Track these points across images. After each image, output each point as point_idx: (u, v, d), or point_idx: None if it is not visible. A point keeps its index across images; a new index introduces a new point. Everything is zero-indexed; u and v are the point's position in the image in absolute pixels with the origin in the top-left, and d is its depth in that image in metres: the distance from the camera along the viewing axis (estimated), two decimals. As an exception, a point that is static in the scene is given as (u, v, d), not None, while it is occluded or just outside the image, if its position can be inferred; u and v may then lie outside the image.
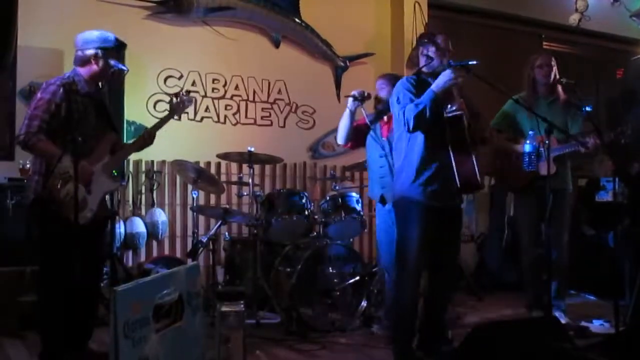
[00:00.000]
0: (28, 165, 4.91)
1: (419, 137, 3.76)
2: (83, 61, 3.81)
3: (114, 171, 3.98)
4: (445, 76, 3.65)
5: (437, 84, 3.66)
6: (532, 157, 4.61)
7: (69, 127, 3.58)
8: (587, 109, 4.46)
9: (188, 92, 4.33)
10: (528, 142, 4.62)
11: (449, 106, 3.68)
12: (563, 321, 4.45)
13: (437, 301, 4.03)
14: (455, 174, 3.68)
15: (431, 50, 3.87)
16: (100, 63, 3.81)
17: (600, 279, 5.87)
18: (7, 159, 5.24)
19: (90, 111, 3.78)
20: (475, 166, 3.73)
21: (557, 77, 4.82)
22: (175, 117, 4.16)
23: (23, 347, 4.34)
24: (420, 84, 3.83)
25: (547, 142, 4.04)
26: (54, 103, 3.62)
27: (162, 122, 4.13)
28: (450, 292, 4.16)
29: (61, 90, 3.65)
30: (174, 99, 4.24)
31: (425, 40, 3.92)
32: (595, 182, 6.58)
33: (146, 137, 4.06)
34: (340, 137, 4.83)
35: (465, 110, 3.75)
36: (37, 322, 3.84)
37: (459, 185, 3.69)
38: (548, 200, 4.18)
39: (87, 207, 3.71)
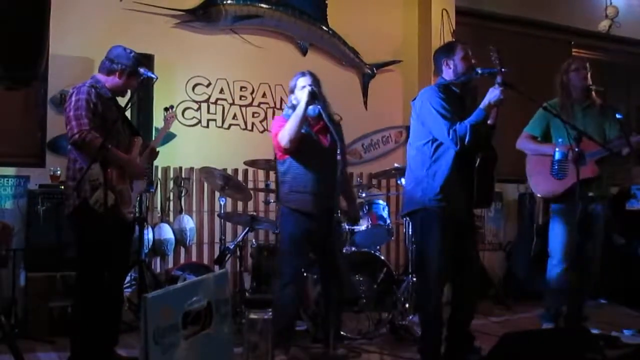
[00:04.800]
0: (59, 172, 5.01)
1: (450, 151, 3.78)
2: (109, 71, 3.89)
3: None
4: (496, 94, 3.65)
5: (486, 102, 3.67)
6: (562, 164, 4.57)
7: (106, 127, 3.66)
8: (618, 116, 4.42)
9: (166, 109, 4.59)
10: (557, 149, 4.58)
11: None
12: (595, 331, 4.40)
13: (461, 310, 4.02)
14: (475, 188, 3.74)
15: (456, 59, 3.89)
16: (124, 79, 3.89)
17: (631, 288, 5.79)
18: (39, 166, 5.32)
19: (115, 115, 3.84)
20: (494, 181, 3.77)
21: (590, 82, 4.77)
22: (167, 129, 4.44)
23: (53, 352, 4.40)
24: (447, 93, 3.85)
25: (577, 149, 4.02)
26: (91, 102, 3.69)
27: (157, 136, 4.34)
28: (474, 302, 4.14)
29: (93, 90, 3.73)
30: (164, 113, 4.54)
31: (446, 52, 3.94)
32: (626, 191, 6.50)
33: (149, 150, 4.19)
34: (291, 139, 4.04)
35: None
36: (70, 327, 3.89)
37: (476, 199, 3.76)
38: (578, 208, 4.13)
39: (131, 204, 3.85)
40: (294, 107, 4.13)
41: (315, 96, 4.05)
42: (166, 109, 4.62)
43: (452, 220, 3.82)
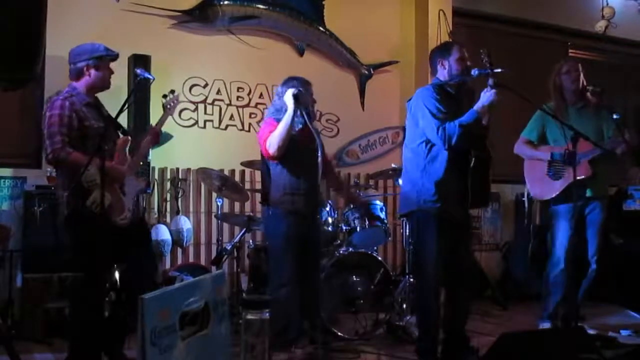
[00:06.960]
0: (55, 174, 4.99)
1: (444, 152, 3.78)
2: (77, 74, 3.86)
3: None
4: (488, 96, 3.66)
5: (480, 104, 3.68)
6: (557, 166, 4.58)
7: (90, 136, 3.64)
8: (615, 116, 4.43)
9: (172, 91, 4.40)
10: (554, 151, 4.60)
11: None
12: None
13: (456, 311, 4.03)
14: (470, 189, 3.76)
15: (452, 60, 3.90)
16: (92, 73, 3.85)
17: (628, 288, 5.79)
18: (35, 167, 5.32)
19: (97, 118, 3.82)
20: (490, 181, 3.78)
21: (584, 83, 4.78)
22: (170, 114, 4.32)
23: (50, 353, 4.38)
24: (442, 94, 3.85)
25: (571, 149, 4.02)
26: (66, 116, 3.67)
27: (161, 120, 4.21)
28: (468, 302, 4.15)
29: (67, 103, 3.70)
30: (164, 100, 4.33)
31: (441, 52, 3.96)
32: (623, 191, 6.51)
33: (153, 135, 4.13)
34: (279, 146, 4.15)
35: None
36: (67, 329, 3.88)
37: (471, 199, 3.78)
38: (576, 206, 4.14)
39: (126, 208, 3.79)
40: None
41: (298, 98, 4.12)
42: (165, 96, 4.43)
43: (448, 221, 3.82)
